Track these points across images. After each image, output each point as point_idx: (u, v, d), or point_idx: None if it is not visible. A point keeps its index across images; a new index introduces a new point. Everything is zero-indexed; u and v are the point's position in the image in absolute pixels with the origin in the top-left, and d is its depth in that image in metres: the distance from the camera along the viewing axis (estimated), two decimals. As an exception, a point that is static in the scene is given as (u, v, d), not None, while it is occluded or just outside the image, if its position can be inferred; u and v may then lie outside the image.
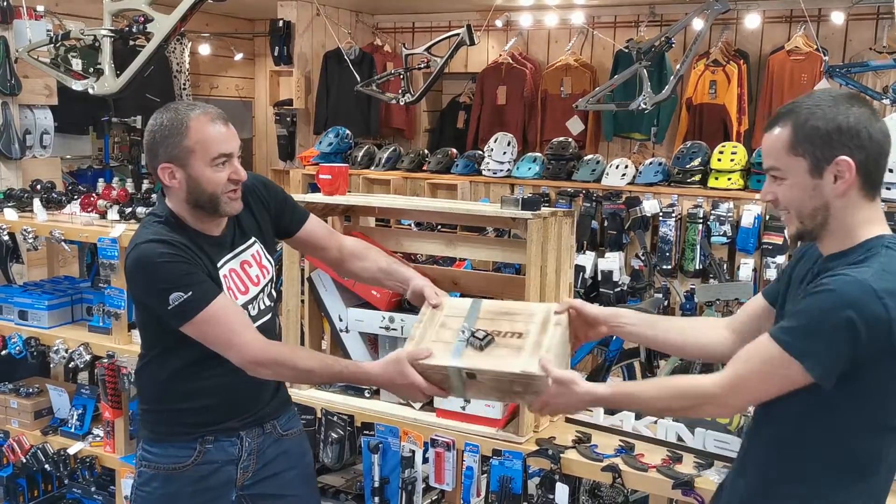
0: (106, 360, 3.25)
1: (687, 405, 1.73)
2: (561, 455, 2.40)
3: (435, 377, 1.93)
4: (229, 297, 2.08)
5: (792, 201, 1.65)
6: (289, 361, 2.07)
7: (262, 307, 2.23)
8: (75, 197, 3.71)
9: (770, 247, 4.64)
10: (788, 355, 1.56)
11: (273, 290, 2.29)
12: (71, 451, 3.41)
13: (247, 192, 2.17)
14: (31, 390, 3.64)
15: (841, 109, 1.59)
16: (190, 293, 1.97)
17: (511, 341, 1.92)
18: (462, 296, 2.64)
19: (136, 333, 3.32)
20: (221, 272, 2.13)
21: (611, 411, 2.63)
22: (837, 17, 6.06)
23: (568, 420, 2.65)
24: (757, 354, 1.63)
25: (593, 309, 2.01)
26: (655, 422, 2.52)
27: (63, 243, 3.44)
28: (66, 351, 3.38)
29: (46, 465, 3.45)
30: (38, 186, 3.82)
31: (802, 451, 1.67)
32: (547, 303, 2.04)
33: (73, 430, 3.48)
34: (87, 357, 3.34)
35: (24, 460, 3.49)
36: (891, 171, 4.43)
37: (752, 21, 6.23)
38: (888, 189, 4.46)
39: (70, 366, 3.46)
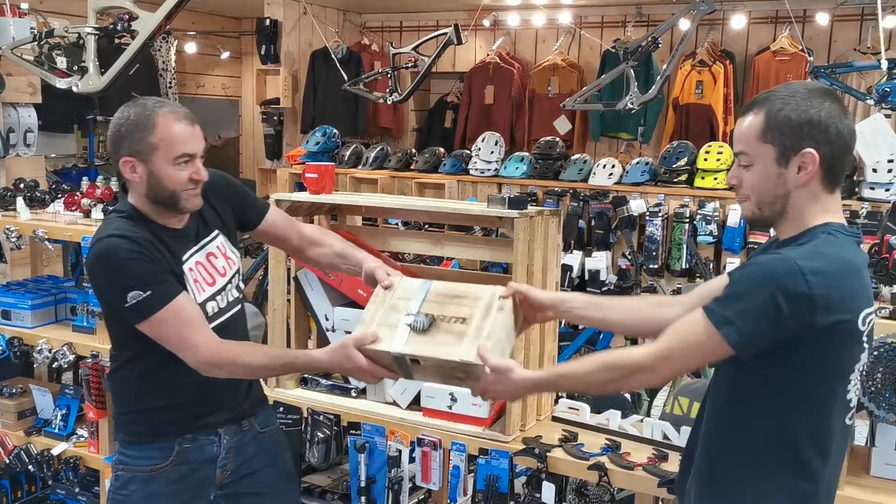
0: (90, 360, 3.23)
1: (617, 376, 1.75)
2: (547, 454, 2.40)
3: (382, 361, 1.97)
4: (189, 297, 2.08)
5: (755, 187, 1.69)
6: (239, 360, 2.08)
7: (231, 299, 2.23)
8: (59, 196, 3.68)
9: (756, 246, 4.66)
10: (710, 323, 1.61)
11: (241, 283, 2.30)
12: (55, 451, 3.38)
13: (207, 186, 2.16)
14: (14, 390, 3.61)
15: (814, 103, 1.63)
16: (149, 292, 1.97)
17: (454, 327, 1.94)
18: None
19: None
20: (187, 265, 2.12)
21: (596, 409, 2.64)
22: (822, 19, 6.10)
23: (554, 419, 2.65)
24: (685, 324, 1.68)
25: (539, 293, 2.04)
26: (641, 420, 2.52)
27: (47, 242, 3.41)
28: (50, 351, 3.35)
29: (30, 466, 3.42)
30: (22, 185, 3.78)
31: (742, 431, 1.70)
32: (494, 286, 2.04)
33: (56, 430, 3.45)
34: (71, 357, 3.31)
35: (8, 461, 3.46)
36: (874, 171, 4.46)
37: (737, 22, 6.26)
38: (872, 189, 4.50)
39: (54, 366, 3.44)
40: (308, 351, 2.13)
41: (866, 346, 1.68)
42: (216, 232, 2.22)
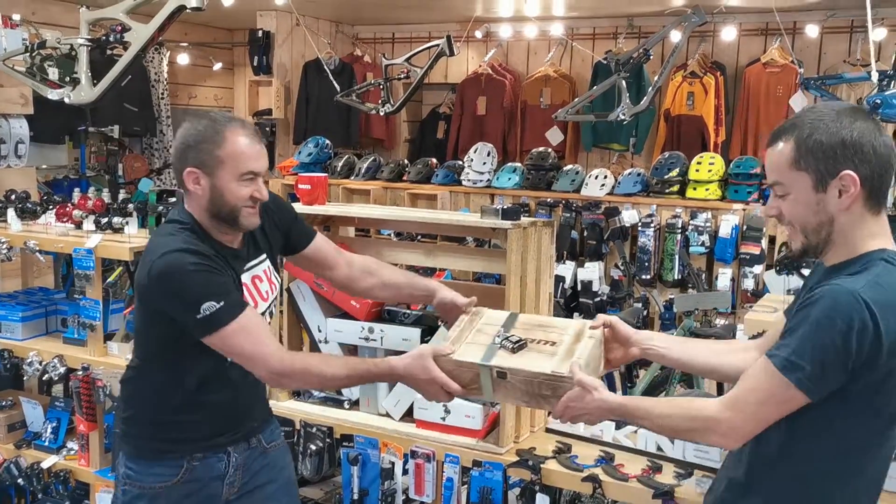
0: (81, 373, 3.21)
1: (694, 427, 1.69)
2: (541, 465, 2.40)
3: (464, 376, 1.95)
4: (254, 310, 2.08)
5: (796, 216, 1.64)
6: (315, 369, 2.06)
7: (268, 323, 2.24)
8: (50, 207, 3.66)
9: (747, 257, 4.68)
10: (776, 370, 1.54)
11: (275, 308, 2.29)
12: (45, 464, 3.35)
13: (262, 207, 2.16)
14: (3, 403, 3.58)
15: (844, 123, 1.58)
16: (222, 303, 1.95)
17: (544, 348, 1.96)
18: None
19: (112, 345, 3.28)
20: (243, 282, 2.13)
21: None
22: (812, 31, 6.14)
23: (548, 430, 2.65)
24: (754, 375, 1.61)
25: (627, 329, 2.00)
26: (635, 431, 2.52)
27: (38, 254, 3.40)
28: (40, 363, 3.33)
29: (20, 480, 3.39)
30: (13, 196, 3.76)
31: (805, 467, 1.64)
32: (582, 320, 2.08)
33: (46, 443, 3.43)
34: (62, 369, 3.29)
35: (-3, 474, 3.44)
36: None
37: (728, 34, 6.30)
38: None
39: (44, 378, 3.41)
40: (385, 359, 2.09)
41: None
42: (264, 255, 2.22)
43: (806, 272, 2.28)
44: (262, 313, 2.20)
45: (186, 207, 2.11)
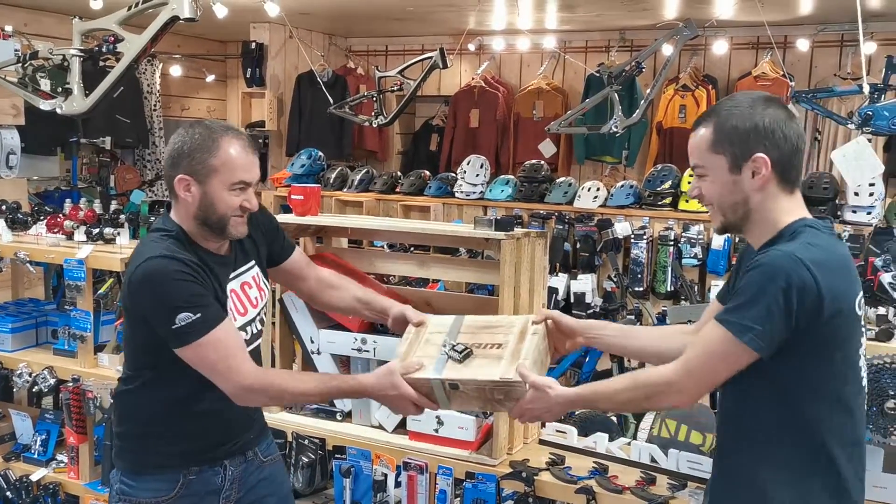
0: (71, 384, 3.19)
1: (648, 393, 1.78)
2: (535, 477, 2.39)
3: (422, 390, 2.00)
4: (232, 323, 2.06)
5: (714, 196, 1.76)
6: (286, 384, 2.07)
7: (255, 331, 2.22)
8: (41, 217, 3.65)
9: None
10: (729, 333, 1.64)
11: (265, 315, 2.29)
12: (34, 477, 3.32)
13: (250, 217, 2.18)
14: (-8, 415, 3.56)
15: (758, 110, 1.70)
16: (199, 315, 1.95)
17: (490, 352, 2.00)
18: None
19: (102, 357, 3.26)
20: (229, 289, 2.12)
21: (584, 432, 2.63)
22: (803, 45, 6.19)
23: (541, 442, 2.64)
24: (703, 338, 1.72)
25: (570, 320, 2.11)
26: (629, 443, 2.51)
27: (28, 265, 3.38)
28: (30, 375, 3.31)
29: (8, 493, 3.36)
30: (4, 207, 3.74)
31: (757, 430, 1.72)
32: (526, 315, 2.12)
33: (36, 455, 3.40)
34: (52, 381, 3.27)
35: (-15, 487, 3.40)
36: (856, 194, 4.51)
37: (719, 47, 6.33)
38: (854, 212, 4.54)
39: (34, 390, 3.38)
40: (354, 376, 2.13)
41: (864, 330, 1.75)
42: (253, 262, 2.22)
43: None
44: (252, 320, 2.19)
45: (173, 215, 2.11)
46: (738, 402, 1.75)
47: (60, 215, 3.58)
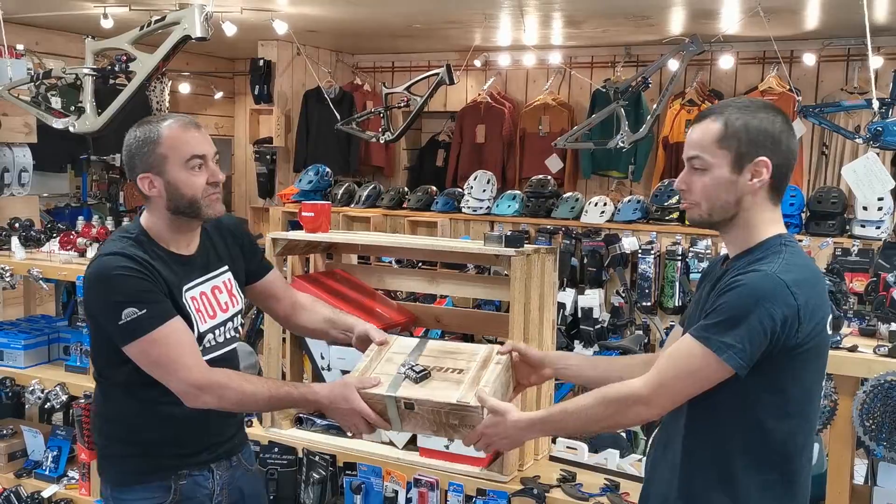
0: (83, 401, 3.20)
1: (617, 409, 1.74)
2: (546, 494, 2.39)
3: (376, 407, 1.95)
4: (183, 323, 2.03)
5: (707, 191, 1.73)
6: (233, 384, 2.01)
7: (227, 337, 2.20)
8: (54, 235, 3.67)
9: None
10: (708, 350, 1.62)
11: (240, 326, 2.28)
12: (45, 493, 3.33)
13: (223, 225, 2.21)
14: (4, 432, 3.56)
15: (769, 115, 1.71)
16: (144, 311, 1.93)
17: (450, 376, 1.96)
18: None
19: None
20: (189, 293, 2.09)
21: (594, 449, 2.62)
22: (809, 59, 6.21)
23: (552, 459, 2.64)
24: (678, 353, 1.70)
25: (536, 352, 2.08)
26: (640, 459, 2.51)
27: (41, 282, 3.40)
28: (42, 391, 3.32)
29: (19, 509, 3.37)
30: (17, 224, 3.77)
31: (722, 442, 1.71)
32: (491, 345, 2.09)
33: (47, 472, 3.40)
34: (64, 397, 3.28)
35: (-4, 504, 3.41)
36: (865, 209, 4.51)
37: (726, 62, 6.36)
38: (862, 227, 4.54)
39: (46, 406, 3.40)
40: (309, 384, 2.10)
41: (828, 349, 1.77)
42: (226, 267, 2.21)
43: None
44: (222, 324, 2.17)
45: (142, 220, 2.11)
46: (706, 417, 1.73)
47: (73, 233, 3.61)
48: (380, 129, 5.84)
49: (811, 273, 1.69)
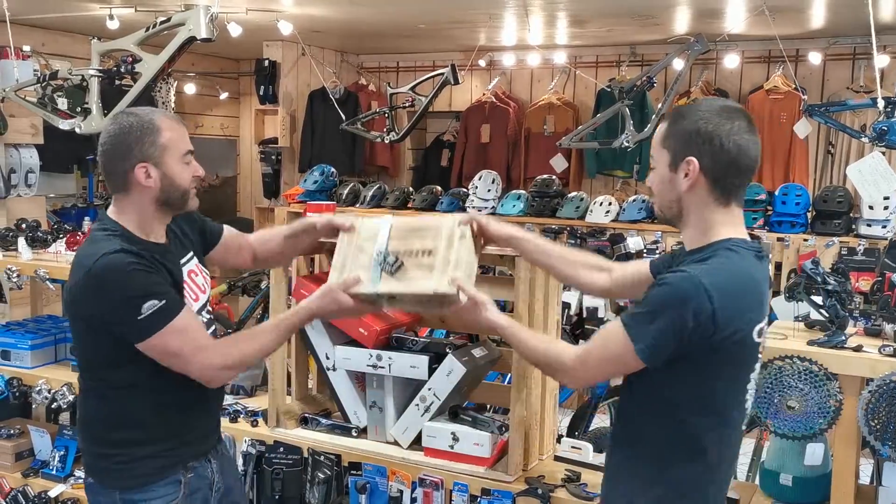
0: (89, 401, 3.21)
1: (549, 363, 1.94)
2: (551, 494, 2.39)
3: (362, 300, 2.11)
4: (189, 307, 2.10)
5: (657, 188, 1.86)
6: (249, 348, 2.11)
7: (205, 319, 2.25)
8: (61, 235, 3.69)
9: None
10: (627, 337, 1.74)
11: (210, 306, 2.34)
12: (52, 493, 3.34)
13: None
14: (11, 431, 3.58)
15: (710, 117, 1.76)
16: (164, 301, 1.97)
17: (422, 260, 2.08)
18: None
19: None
20: (185, 271, 2.17)
21: (599, 449, 2.63)
22: (815, 58, 6.20)
23: (557, 458, 2.64)
24: (606, 333, 1.83)
25: (494, 228, 2.20)
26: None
27: (48, 282, 3.42)
28: (49, 391, 3.34)
29: (26, 509, 3.39)
30: (24, 225, 3.79)
31: (640, 426, 1.86)
32: (452, 216, 2.21)
33: (54, 471, 3.42)
34: (70, 397, 3.29)
35: (4, 503, 3.43)
36: (871, 208, 4.50)
37: (731, 61, 6.35)
38: (868, 226, 4.53)
39: (53, 406, 3.42)
40: (299, 305, 2.17)
41: (760, 357, 1.84)
42: (191, 253, 2.27)
43: (817, 299, 2.32)
44: (200, 308, 2.23)
45: (113, 213, 2.11)
46: (635, 407, 1.88)
47: (79, 233, 3.62)
48: (385, 129, 5.85)
49: (740, 280, 1.73)
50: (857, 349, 2.24)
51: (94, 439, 2.16)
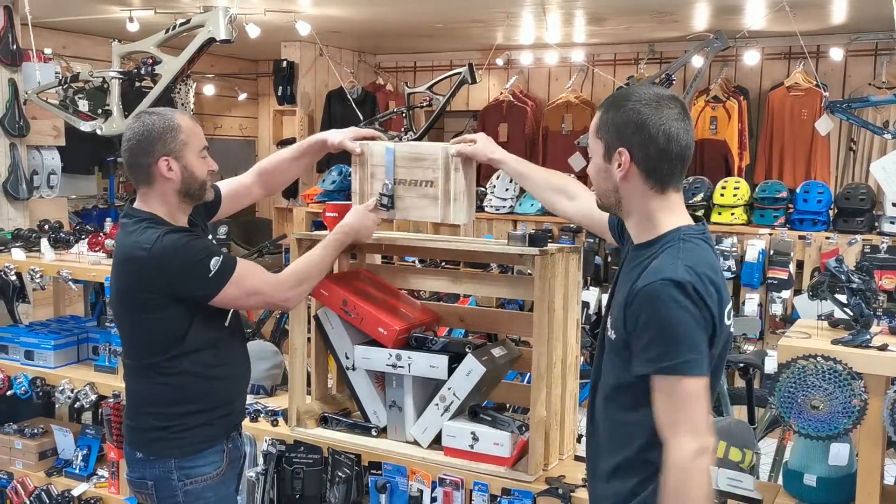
0: (112, 400, 3.24)
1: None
2: (571, 494, 2.38)
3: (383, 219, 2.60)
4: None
5: (594, 179, 1.88)
6: (308, 267, 2.42)
7: None
8: (83, 237, 3.72)
9: (775, 281, 4.64)
10: (682, 377, 1.66)
11: None
12: (75, 492, 3.38)
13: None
14: (35, 431, 3.62)
15: (640, 107, 1.74)
16: (223, 255, 2.24)
17: (427, 191, 2.53)
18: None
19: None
20: None
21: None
22: (836, 54, 6.14)
23: (577, 458, 2.63)
24: (665, 399, 1.68)
25: (482, 157, 2.44)
26: (666, 459, 2.49)
27: (70, 283, 3.45)
28: (72, 391, 3.37)
29: (50, 507, 3.42)
30: (46, 226, 3.83)
31: (637, 438, 1.79)
32: (444, 145, 2.51)
33: (77, 470, 3.46)
34: (93, 397, 3.32)
35: (28, 502, 3.46)
36: (894, 205, 4.45)
37: (751, 58, 6.30)
38: (892, 223, 4.49)
39: (75, 406, 3.45)
40: (338, 228, 2.52)
41: (730, 340, 1.84)
42: (210, 236, 2.54)
43: (841, 297, 2.28)
44: None
45: (141, 205, 2.32)
46: (623, 411, 1.82)
47: (101, 234, 3.65)
48: (402, 129, 5.84)
49: (709, 267, 1.72)
50: (882, 348, 2.21)
51: (152, 414, 2.34)
